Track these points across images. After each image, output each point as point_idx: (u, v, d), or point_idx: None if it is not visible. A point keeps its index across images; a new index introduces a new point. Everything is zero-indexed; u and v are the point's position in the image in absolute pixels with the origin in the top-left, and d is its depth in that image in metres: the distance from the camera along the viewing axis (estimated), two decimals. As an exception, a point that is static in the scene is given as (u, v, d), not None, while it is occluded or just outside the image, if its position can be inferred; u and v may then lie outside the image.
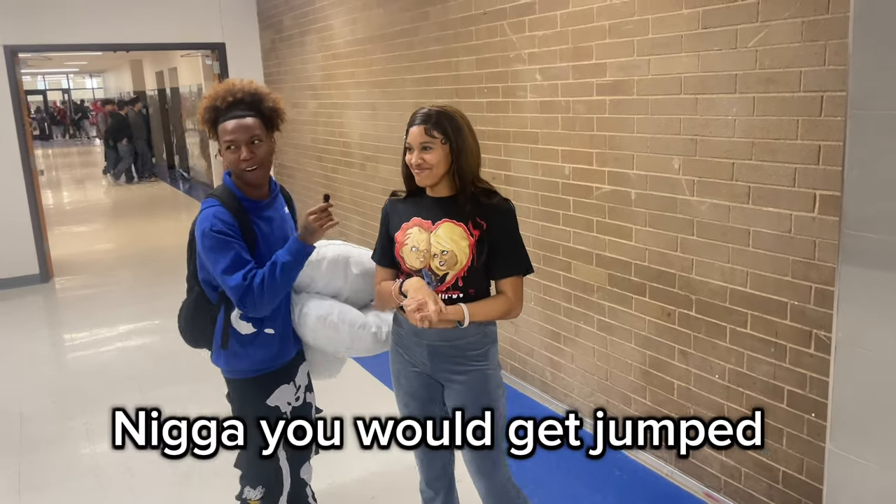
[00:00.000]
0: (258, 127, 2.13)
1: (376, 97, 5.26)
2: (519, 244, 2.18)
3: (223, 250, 2.09)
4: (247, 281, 2.07)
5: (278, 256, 2.12)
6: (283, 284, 2.13)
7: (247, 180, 2.17)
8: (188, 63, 11.99)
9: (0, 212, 6.51)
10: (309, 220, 2.11)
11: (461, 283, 2.13)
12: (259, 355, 2.24)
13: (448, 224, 2.13)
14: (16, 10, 6.37)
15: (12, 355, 5.05)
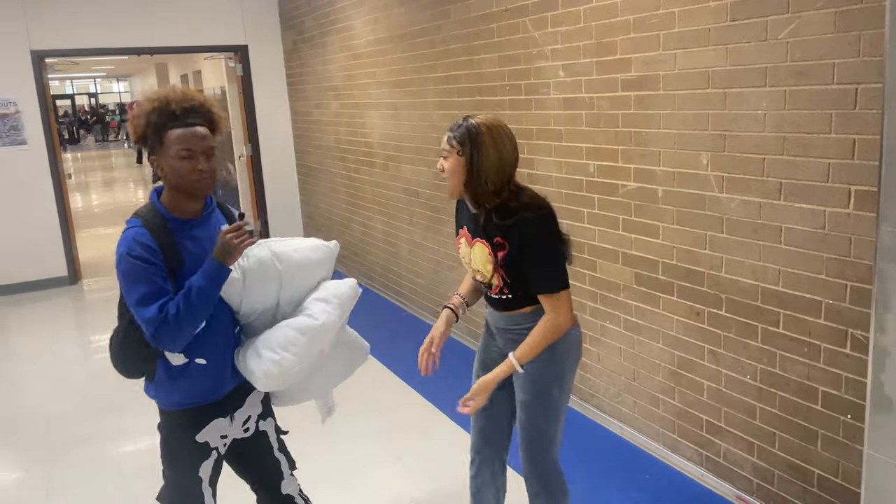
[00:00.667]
0: (212, 138, 2.00)
1: (398, 97, 5.24)
2: (546, 261, 2.10)
3: (138, 278, 1.91)
4: (162, 313, 1.88)
5: (192, 282, 1.92)
6: (201, 312, 1.93)
7: (196, 191, 1.99)
8: (212, 65, 12.08)
9: (29, 215, 6.61)
10: (225, 239, 1.90)
11: (507, 290, 2.18)
12: (190, 388, 2.06)
13: (479, 244, 2.18)
14: (43, 16, 6.46)
15: (41, 356, 5.12)
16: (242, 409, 2.18)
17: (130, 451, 3.65)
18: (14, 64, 6.41)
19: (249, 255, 2.06)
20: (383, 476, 3.29)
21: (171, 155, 1.94)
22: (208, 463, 2.13)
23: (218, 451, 2.16)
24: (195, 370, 2.04)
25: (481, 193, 2.09)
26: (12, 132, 6.51)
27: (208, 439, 2.11)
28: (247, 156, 7.71)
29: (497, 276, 2.15)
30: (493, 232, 2.11)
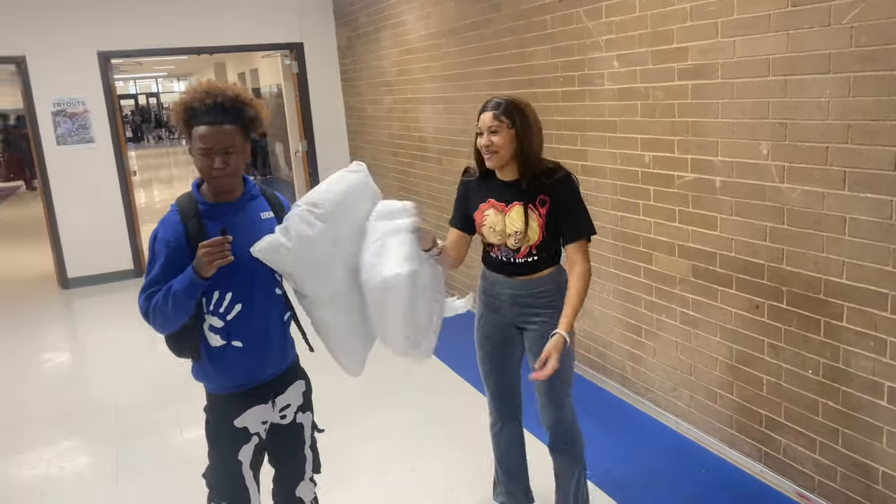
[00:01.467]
0: (236, 135, 1.99)
1: (450, 91, 5.26)
2: (581, 211, 2.39)
3: (152, 261, 2.03)
4: (149, 302, 2.00)
5: (172, 284, 1.97)
6: (174, 314, 1.98)
7: (215, 188, 2.06)
8: (268, 64, 12.35)
9: (97, 211, 6.89)
10: (199, 252, 1.91)
11: (534, 251, 2.43)
12: (230, 371, 2.11)
13: (518, 207, 2.38)
14: (108, 18, 6.71)
15: (108, 347, 5.34)
16: (283, 396, 2.21)
17: (196, 438, 3.78)
18: (82, 65, 6.67)
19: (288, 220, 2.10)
20: (427, 464, 3.33)
21: (194, 151, 2.01)
22: (248, 447, 2.16)
23: (259, 436, 2.18)
24: (232, 353, 2.09)
25: (532, 160, 2.35)
26: (81, 131, 6.79)
27: (247, 425, 2.14)
28: (302, 151, 7.86)
29: (538, 232, 2.37)
30: (538, 191, 2.36)
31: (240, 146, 2.02)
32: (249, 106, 2.04)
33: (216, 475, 2.22)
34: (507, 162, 2.35)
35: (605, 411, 3.71)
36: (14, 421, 4.15)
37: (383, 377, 4.38)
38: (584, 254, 2.39)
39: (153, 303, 1.99)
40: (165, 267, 2.00)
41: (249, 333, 2.09)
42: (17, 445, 3.84)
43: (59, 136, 6.69)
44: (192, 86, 2.07)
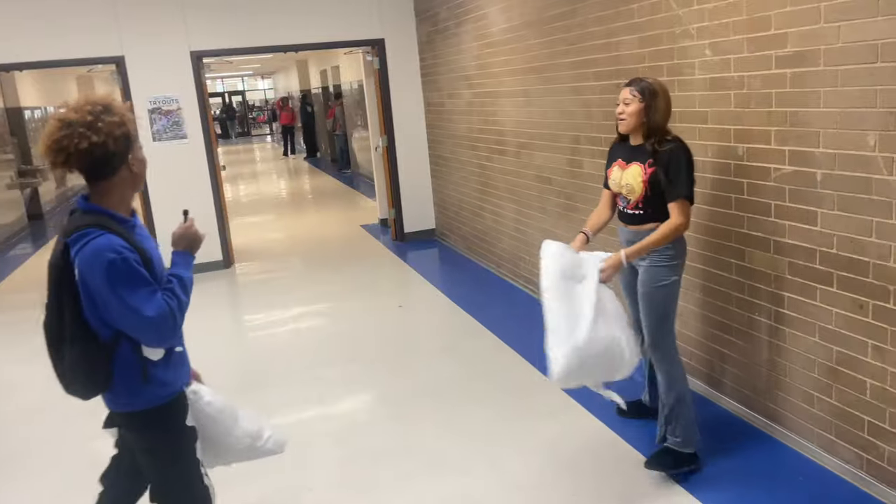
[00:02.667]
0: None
1: (530, 83, 5.21)
2: (680, 177, 2.88)
3: (136, 280, 1.90)
4: (168, 307, 1.95)
5: (179, 273, 2.04)
6: (189, 300, 2.06)
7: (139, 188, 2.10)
8: (349, 60, 12.57)
9: (189, 204, 7.11)
10: (190, 233, 2.15)
11: (641, 205, 3.00)
12: (175, 376, 2.12)
13: (635, 165, 2.99)
14: (199, 18, 6.98)
15: (201, 335, 5.55)
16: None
17: (279, 423, 3.89)
18: (176, 64, 6.98)
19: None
20: (511, 461, 3.31)
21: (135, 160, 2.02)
22: (198, 444, 2.18)
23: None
24: (176, 358, 2.12)
25: (654, 129, 2.93)
26: (174, 127, 7.10)
27: (193, 423, 2.17)
28: (383, 147, 7.96)
29: (642, 188, 2.94)
30: (652, 155, 2.93)
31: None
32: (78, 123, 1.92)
33: (184, 490, 2.18)
34: (633, 129, 2.97)
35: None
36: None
37: (461, 375, 4.40)
38: (679, 212, 2.90)
39: (174, 302, 1.98)
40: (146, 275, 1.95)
41: (180, 336, 2.14)
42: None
43: (154, 132, 7.02)
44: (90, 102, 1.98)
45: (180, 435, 2.14)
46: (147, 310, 1.91)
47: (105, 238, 1.90)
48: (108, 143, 1.92)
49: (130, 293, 1.89)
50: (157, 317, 1.92)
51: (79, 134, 1.89)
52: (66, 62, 6.94)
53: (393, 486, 3.19)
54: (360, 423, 3.82)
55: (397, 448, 3.50)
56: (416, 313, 5.71)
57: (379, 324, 5.41)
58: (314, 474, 3.35)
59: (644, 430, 3.44)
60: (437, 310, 5.68)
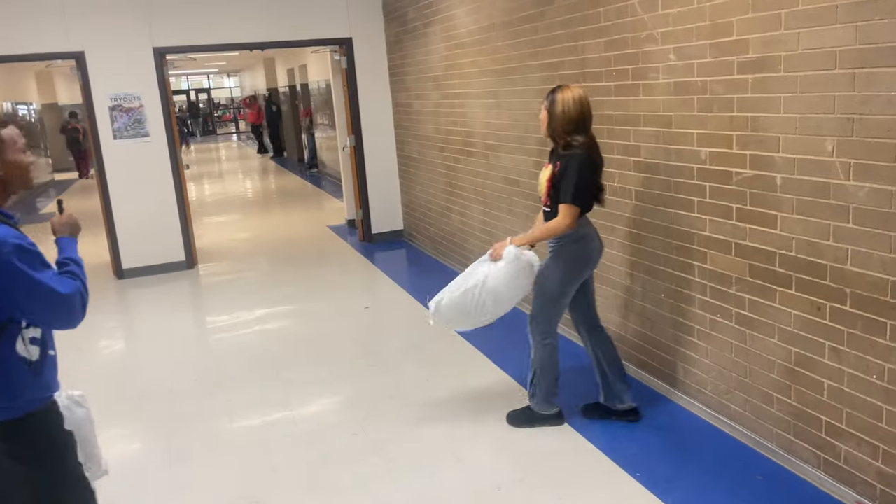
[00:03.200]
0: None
1: (499, 85, 5.23)
2: (565, 183, 3.23)
3: (44, 262, 1.93)
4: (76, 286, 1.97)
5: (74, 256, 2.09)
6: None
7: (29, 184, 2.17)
8: (317, 59, 12.48)
9: (151, 203, 7.05)
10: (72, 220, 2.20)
11: (548, 203, 3.37)
12: (49, 380, 2.05)
13: (547, 167, 3.37)
14: (164, 15, 6.86)
15: (162, 337, 5.46)
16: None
17: (245, 426, 3.84)
18: (138, 61, 6.84)
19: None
20: (479, 461, 3.31)
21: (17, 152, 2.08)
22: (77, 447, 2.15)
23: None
24: (49, 361, 2.05)
25: (553, 135, 3.32)
26: (136, 125, 6.96)
27: (71, 427, 2.14)
28: (350, 147, 7.91)
29: (546, 186, 3.33)
30: (557, 159, 3.31)
31: None
32: None
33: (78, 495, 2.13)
34: (546, 133, 3.35)
35: (655, 413, 3.64)
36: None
37: (432, 377, 4.39)
38: (563, 213, 3.25)
39: (78, 282, 2.00)
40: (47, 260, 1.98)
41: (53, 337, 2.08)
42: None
43: (115, 130, 6.87)
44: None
45: (66, 438, 2.11)
46: (61, 288, 1.93)
47: (3, 227, 1.92)
48: None
49: (42, 274, 1.90)
50: (72, 294, 1.95)
51: None
52: (24, 57, 6.76)
53: (359, 489, 3.16)
54: (326, 425, 3.78)
55: (364, 450, 3.47)
56: (382, 314, 5.68)
57: (346, 325, 5.36)
58: (280, 477, 3.30)
59: (607, 430, 3.47)
60: (404, 311, 5.65)
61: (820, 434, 2.91)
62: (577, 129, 3.22)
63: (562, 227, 3.26)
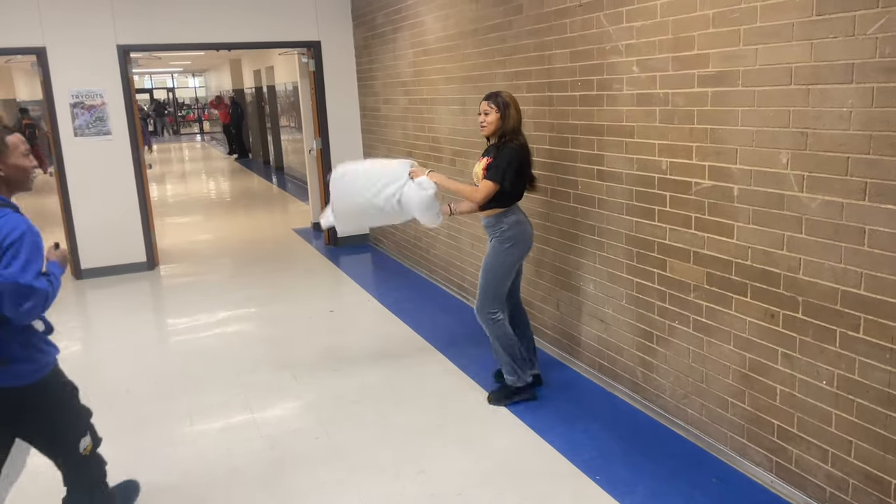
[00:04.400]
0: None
1: (467, 92, 5.27)
2: (497, 164, 3.62)
3: (38, 253, 2.30)
4: (47, 289, 2.29)
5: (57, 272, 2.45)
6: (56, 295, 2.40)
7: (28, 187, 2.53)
8: (284, 61, 12.40)
9: (112, 203, 6.93)
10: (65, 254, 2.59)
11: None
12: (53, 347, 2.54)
13: (483, 160, 3.76)
14: (128, 12, 6.77)
15: (121, 338, 5.37)
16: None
17: (205, 429, 3.80)
18: (101, 58, 6.73)
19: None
20: (440, 466, 3.33)
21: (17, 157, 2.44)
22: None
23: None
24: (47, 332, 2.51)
25: (507, 132, 3.65)
26: (98, 123, 6.84)
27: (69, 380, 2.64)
28: (317, 149, 7.89)
29: (482, 175, 3.66)
30: (493, 152, 3.69)
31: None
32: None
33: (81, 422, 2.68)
34: (492, 133, 3.70)
35: (615, 417, 3.71)
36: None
37: (393, 379, 4.39)
38: (483, 187, 3.63)
39: (51, 288, 2.33)
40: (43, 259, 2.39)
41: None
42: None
43: (76, 127, 6.74)
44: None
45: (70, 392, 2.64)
46: (38, 281, 2.25)
47: (17, 215, 2.34)
48: None
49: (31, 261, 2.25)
50: (40, 290, 2.26)
51: None
52: (-19, 51, 6.60)
53: (322, 493, 3.15)
54: (288, 429, 3.76)
55: (327, 454, 3.47)
56: (347, 318, 5.67)
57: (309, 329, 5.34)
58: (239, 480, 3.28)
59: (567, 433, 3.53)
60: (369, 315, 5.65)
61: (772, 438, 3.00)
62: (520, 128, 3.70)
63: (475, 196, 3.65)
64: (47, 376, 2.49)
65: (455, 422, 3.73)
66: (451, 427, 3.68)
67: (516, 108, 3.66)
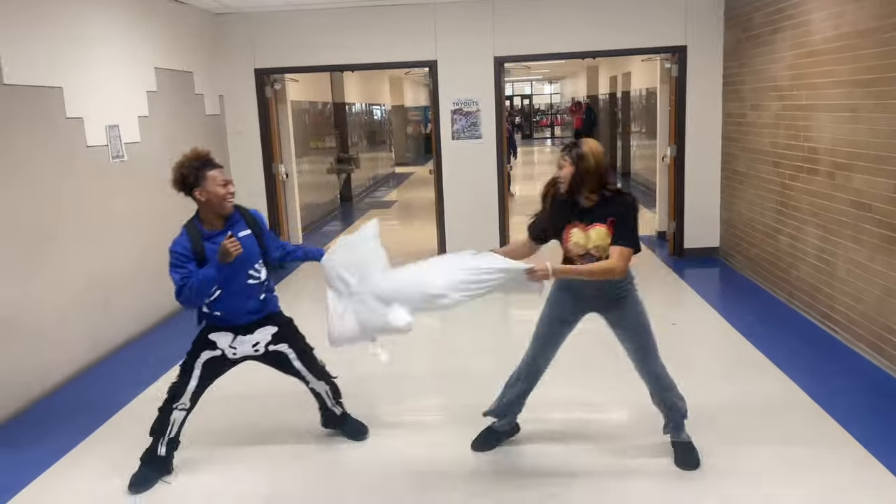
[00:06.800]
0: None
1: (858, 98, 4.65)
2: (626, 230, 3.12)
3: (174, 264, 3.17)
4: (178, 281, 3.14)
5: (202, 271, 3.14)
6: (205, 290, 3.17)
7: (226, 210, 3.24)
8: (643, 67, 12.34)
9: (477, 199, 7.66)
10: (228, 246, 3.09)
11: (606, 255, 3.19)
12: (212, 319, 3.39)
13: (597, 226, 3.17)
14: (505, 26, 7.37)
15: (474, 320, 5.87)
16: (250, 336, 3.39)
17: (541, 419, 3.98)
18: (480, 69, 7.46)
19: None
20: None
21: (211, 187, 3.20)
22: (210, 353, 3.37)
23: (223, 352, 3.38)
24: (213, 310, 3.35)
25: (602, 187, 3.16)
26: (472, 128, 7.61)
27: (216, 340, 3.37)
28: (670, 157, 7.70)
29: (609, 243, 3.12)
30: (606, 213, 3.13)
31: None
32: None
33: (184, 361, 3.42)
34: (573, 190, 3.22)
35: None
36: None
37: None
38: (619, 256, 3.09)
39: (190, 281, 3.13)
40: (186, 263, 3.17)
41: (224, 304, 3.32)
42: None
43: (454, 131, 7.59)
44: (183, 156, 3.22)
45: (199, 339, 3.44)
46: (175, 281, 3.18)
47: (179, 237, 3.24)
48: (176, 178, 3.22)
49: (171, 267, 3.19)
50: (177, 287, 3.16)
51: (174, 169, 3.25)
52: (389, 65, 7.82)
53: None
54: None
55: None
56: (690, 334, 5.43)
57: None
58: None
59: None
60: (715, 334, 5.35)
61: None
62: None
63: (615, 271, 3.09)
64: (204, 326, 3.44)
65: (807, 466, 3.33)
66: (796, 471, 3.30)
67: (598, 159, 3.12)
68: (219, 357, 3.39)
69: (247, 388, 4.23)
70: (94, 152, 5.24)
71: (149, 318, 5.92)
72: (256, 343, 3.42)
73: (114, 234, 5.44)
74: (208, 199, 3.19)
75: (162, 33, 6.39)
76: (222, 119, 7.67)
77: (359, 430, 3.78)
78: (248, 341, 3.40)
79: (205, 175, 3.16)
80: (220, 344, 3.37)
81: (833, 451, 3.45)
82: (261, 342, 3.43)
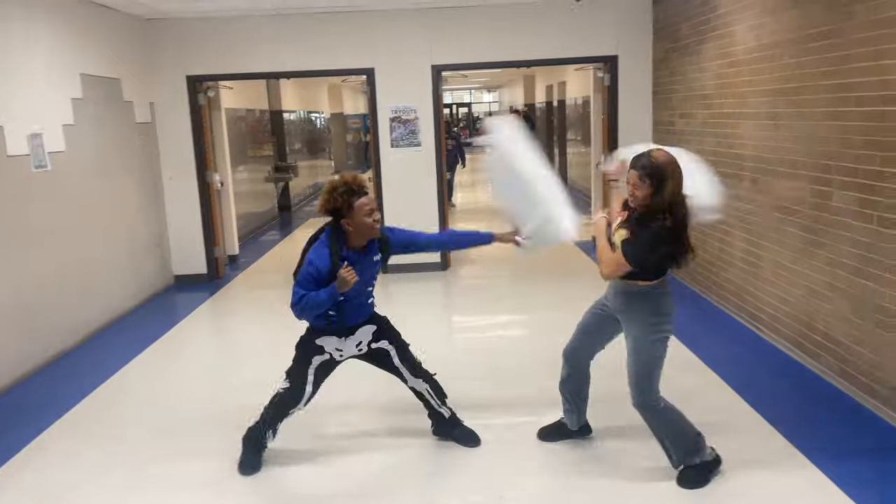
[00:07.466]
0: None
1: (780, 106, 4.86)
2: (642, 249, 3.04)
3: (304, 275, 3.24)
4: (299, 300, 3.23)
5: (321, 293, 3.20)
6: (315, 309, 3.26)
7: (373, 235, 3.30)
8: (577, 76, 12.59)
9: (415, 207, 7.66)
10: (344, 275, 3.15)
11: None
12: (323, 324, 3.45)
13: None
14: (442, 35, 7.41)
15: (425, 327, 5.88)
16: (353, 337, 3.50)
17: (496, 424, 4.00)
18: (417, 77, 7.48)
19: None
20: None
21: (360, 215, 3.23)
22: (320, 358, 3.49)
23: (331, 355, 3.49)
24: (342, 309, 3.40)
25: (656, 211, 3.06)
26: (410, 136, 7.61)
27: (323, 344, 3.48)
28: (604, 164, 7.86)
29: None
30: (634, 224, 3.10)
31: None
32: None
33: (293, 370, 3.52)
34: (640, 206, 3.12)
35: None
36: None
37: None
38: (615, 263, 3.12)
39: (303, 300, 3.22)
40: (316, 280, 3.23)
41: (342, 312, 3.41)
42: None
43: (393, 139, 7.58)
44: (341, 178, 3.27)
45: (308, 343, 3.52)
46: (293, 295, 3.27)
47: (324, 250, 3.28)
48: (326, 208, 3.27)
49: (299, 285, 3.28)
50: (294, 303, 3.26)
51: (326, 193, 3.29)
52: (323, 73, 7.77)
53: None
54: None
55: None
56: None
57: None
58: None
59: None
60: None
61: None
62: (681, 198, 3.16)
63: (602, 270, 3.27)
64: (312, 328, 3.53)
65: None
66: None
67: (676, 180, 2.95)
68: (328, 360, 3.51)
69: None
70: (15, 162, 5.02)
71: (77, 333, 5.70)
72: (360, 343, 3.55)
73: (39, 246, 5.21)
74: (355, 228, 3.25)
75: (88, 39, 6.18)
76: (153, 127, 7.46)
77: (471, 437, 3.77)
78: (352, 342, 3.52)
79: (353, 205, 3.20)
80: (327, 348, 3.49)
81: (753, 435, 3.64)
82: (363, 341, 3.56)
